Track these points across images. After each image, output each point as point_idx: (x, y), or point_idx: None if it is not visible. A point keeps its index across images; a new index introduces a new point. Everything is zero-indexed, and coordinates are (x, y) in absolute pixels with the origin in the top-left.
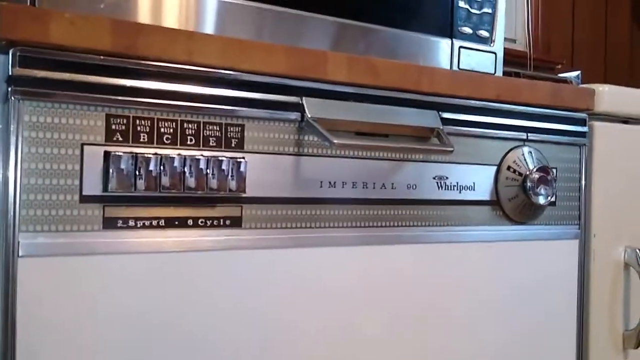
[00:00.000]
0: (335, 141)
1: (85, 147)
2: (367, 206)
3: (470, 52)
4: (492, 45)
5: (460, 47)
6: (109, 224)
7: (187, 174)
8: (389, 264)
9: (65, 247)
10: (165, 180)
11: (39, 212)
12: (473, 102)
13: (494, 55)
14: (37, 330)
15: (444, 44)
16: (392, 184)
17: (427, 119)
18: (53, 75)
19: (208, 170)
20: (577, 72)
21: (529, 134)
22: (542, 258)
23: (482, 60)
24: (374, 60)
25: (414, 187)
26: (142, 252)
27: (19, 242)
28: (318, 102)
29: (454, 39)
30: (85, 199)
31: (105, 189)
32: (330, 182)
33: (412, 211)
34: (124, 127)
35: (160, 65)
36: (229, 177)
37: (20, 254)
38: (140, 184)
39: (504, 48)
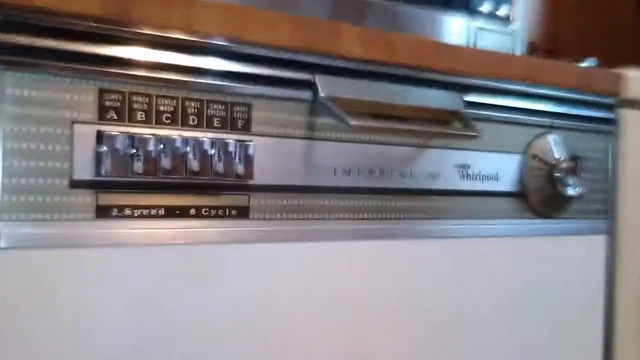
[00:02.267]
0: (352, 122)
1: (76, 126)
2: (384, 196)
3: (488, 32)
4: (511, 25)
5: (477, 27)
6: (103, 212)
7: (189, 157)
8: (408, 259)
9: (53, 238)
10: (165, 163)
11: (23, 198)
12: (497, 83)
13: (513, 36)
14: (20, 331)
15: (459, 23)
16: (411, 172)
17: (448, 101)
18: (38, 42)
19: (213, 153)
20: (593, 59)
21: (555, 120)
22: (568, 254)
23: (501, 42)
24: (390, 35)
25: (435, 176)
26: (139, 245)
27: (0, 232)
28: (332, 80)
29: (470, 18)
30: (75, 184)
31: (98, 172)
32: (344, 170)
33: (432, 203)
34: (118, 104)
35: (157, 35)
36: (236, 161)
37: (1, 245)
38: (138, 167)
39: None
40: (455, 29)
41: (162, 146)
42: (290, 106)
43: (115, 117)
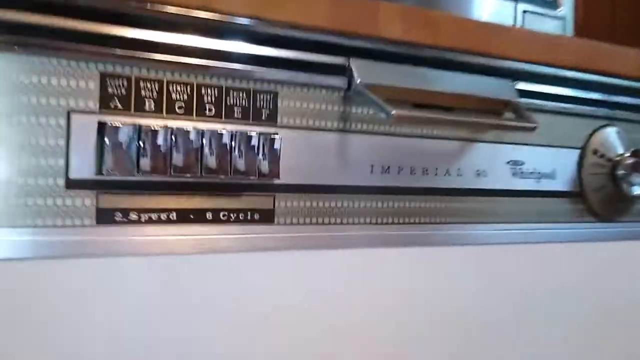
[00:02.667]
0: (393, 112)
1: (73, 116)
2: (427, 197)
3: (534, 16)
4: (559, 9)
5: (523, 10)
6: (104, 217)
7: (206, 152)
8: (455, 268)
9: (46, 247)
10: (177, 160)
11: (12, 202)
12: (551, 70)
13: (562, 21)
14: (8, 355)
15: (503, 5)
16: (458, 169)
17: (498, 88)
18: (29, 18)
19: (233, 148)
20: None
21: (617, 111)
22: (633, 261)
23: (549, 26)
24: (433, 14)
25: (484, 173)
26: (146, 255)
27: None
28: (368, 65)
29: (517, 1)
30: (72, 184)
31: (99, 170)
32: (383, 167)
33: (481, 204)
34: (124, 91)
35: (170, 13)
36: (260, 157)
37: None
38: (145, 164)
39: None
40: (499, 11)
41: (174, 140)
42: (321, 94)
43: (120, 106)
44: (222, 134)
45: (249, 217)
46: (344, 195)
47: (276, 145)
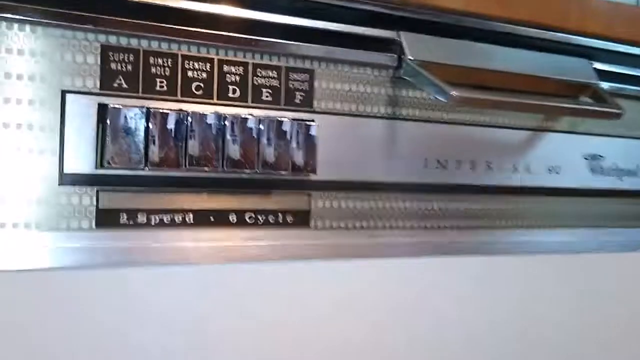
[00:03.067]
0: (453, 93)
1: (69, 97)
2: (492, 197)
3: None
4: None
5: None
6: (106, 219)
7: (228, 141)
8: (522, 279)
9: (36, 256)
10: (194, 150)
11: None
12: (636, 48)
13: None
14: None
15: None
16: (528, 165)
17: (577, 70)
18: None
19: (261, 136)
20: None
21: None
22: None
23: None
24: None
25: (557, 170)
26: (157, 265)
27: None
28: (421, 40)
29: None
30: (67, 180)
31: (100, 163)
32: (439, 161)
33: (554, 206)
34: (130, 67)
35: None
36: (293, 148)
37: None
38: (155, 155)
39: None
40: None
41: (189, 126)
42: (365, 74)
43: (125, 86)
44: (247, 120)
45: (280, 220)
46: (392, 194)
47: (312, 134)
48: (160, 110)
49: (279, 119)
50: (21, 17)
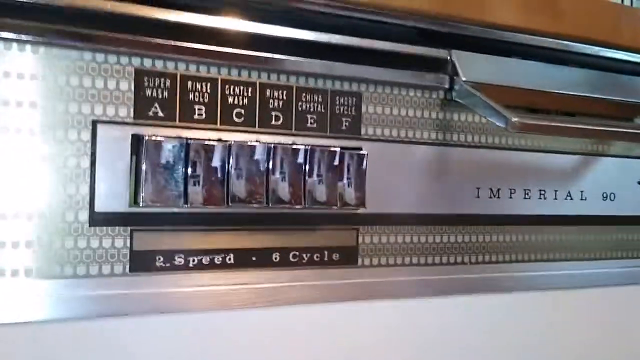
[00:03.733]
0: (515, 120)
1: (100, 128)
2: (545, 228)
3: None
4: None
5: None
6: (141, 262)
7: (274, 175)
8: (581, 314)
9: (63, 306)
10: (239, 186)
11: (18, 246)
12: None
13: None
14: None
15: None
16: (582, 192)
17: (630, 89)
18: None
19: (310, 170)
20: None
21: None
22: None
23: None
24: None
25: (612, 197)
26: (196, 312)
27: None
28: (474, 59)
29: None
30: (99, 220)
31: (134, 200)
32: (491, 190)
33: (608, 235)
34: (166, 94)
35: None
36: (343, 180)
37: None
38: (196, 192)
39: None
40: None
41: (234, 159)
42: (414, 97)
43: (161, 114)
44: (297, 151)
45: (326, 258)
46: (444, 227)
47: (363, 165)
48: (202, 143)
49: (330, 149)
50: (48, 41)
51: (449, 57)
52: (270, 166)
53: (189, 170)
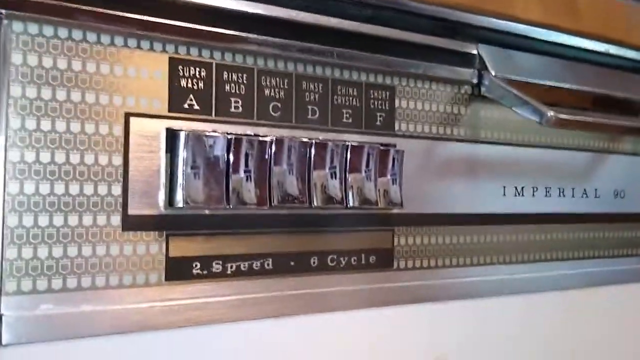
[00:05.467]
0: (551, 114)
1: (133, 121)
2: (562, 227)
3: None
4: None
5: None
6: (177, 270)
7: (323, 175)
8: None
9: (93, 321)
10: (288, 185)
11: (42, 253)
12: None
13: None
14: None
15: None
16: (596, 189)
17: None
18: None
19: (352, 167)
20: None
21: None
22: None
23: None
24: None
25: (622, 194)
26: (233, 322)
27: (0, 316)
28: (501, 54)
29: None
30: (132, 224)
31: (170, 202)
32: (516, 188)
33: (619, 233)
34: (201, 85)
35: None
36: (378, 178)
37: (2, 340)
38: (240, 191)
39: None
40: None
41: (276, 156)
42: (445, 91)
43: (196, 107)
44: (347, 147)
45: (363, 261)
46: (473, 227)
47: (397, 162)
48: (246, 138)
49: (362, 144)
50: (75, 22)
51: (476, 51)
52: (313, 164)
53: (232, 168)
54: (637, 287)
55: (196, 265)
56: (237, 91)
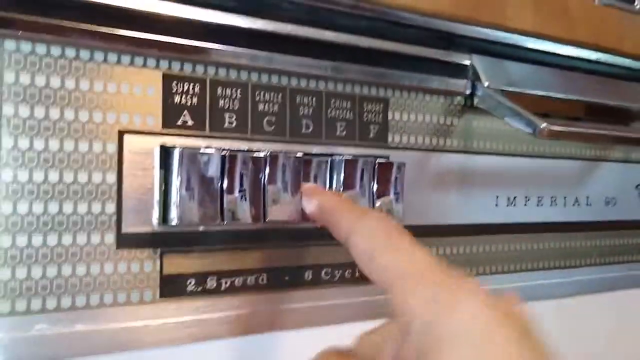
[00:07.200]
0: (544, 126)
1: (127, 138)
2: (555, 235)
3: None
4: None
5: None
6: (171, 287)
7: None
8: (585, 327)
9: (88, 340)
10: (277, 199)
11: (36, 273)
12: None
13: None
14: None
15: None
16: (587, 197)
17: (632, 95)
18: None
19: (347, 181)
20: None
21: None
22: None
23: None
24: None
25: (613, 202)
26: (229, 337)
27: None
28: (495, 65)
29: None
30: (126, 242)
31: (164, 219)
32: (508, 198)
33: (611, 240)
34: (195, 100)
35: None
36: (373, 190)
37: None
38: (235, 207)
39: None
40: None
41: (262, 171)
42: (438, 103)
43: (190, 123)
44: (334, 162)
45: (357, 275)
46: (466, 238)
47: (393, 175)
48: (240, 155)
49: (357, 157)
50: (69, 40)
51: (469, 62)
52: (310, 178)
53: (226, 188)
54: (630, 294)
55: (190, 282)
56: (231, 106)
